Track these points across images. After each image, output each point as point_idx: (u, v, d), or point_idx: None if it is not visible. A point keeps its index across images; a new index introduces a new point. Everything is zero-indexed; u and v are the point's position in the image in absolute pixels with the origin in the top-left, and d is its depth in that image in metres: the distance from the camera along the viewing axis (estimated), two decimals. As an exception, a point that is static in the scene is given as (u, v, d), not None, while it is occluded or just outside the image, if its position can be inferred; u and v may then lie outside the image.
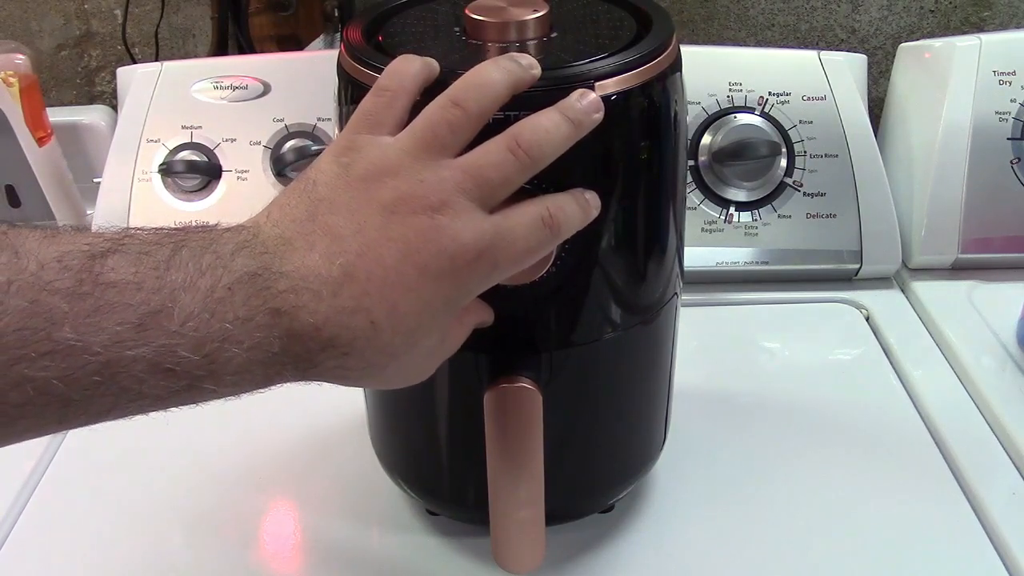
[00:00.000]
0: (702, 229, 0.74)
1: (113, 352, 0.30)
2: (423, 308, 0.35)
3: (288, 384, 0.36)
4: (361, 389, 0.52)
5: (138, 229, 0.33)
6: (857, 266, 0.74)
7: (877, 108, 0.84)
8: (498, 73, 0.37)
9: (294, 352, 0.34)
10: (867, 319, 0.73)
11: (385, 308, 0.34)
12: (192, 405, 0.34)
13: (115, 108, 0.87)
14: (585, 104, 0.38)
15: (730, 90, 0.74)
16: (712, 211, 0.74)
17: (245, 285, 0.33)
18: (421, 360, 0.38)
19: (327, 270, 0.34)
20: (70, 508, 0.57)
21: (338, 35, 0.92)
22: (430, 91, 0.38)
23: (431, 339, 0.37)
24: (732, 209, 0.74)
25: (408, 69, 0.39)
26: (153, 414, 0.34)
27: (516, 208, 0.37)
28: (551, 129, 0.37)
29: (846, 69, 0.76)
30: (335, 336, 0.34)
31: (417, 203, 0.35)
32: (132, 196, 0.74)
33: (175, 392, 0.32)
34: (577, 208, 0.39)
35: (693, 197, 0.74)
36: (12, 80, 0.78)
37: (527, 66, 0.38)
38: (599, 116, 0.38)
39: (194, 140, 0.75)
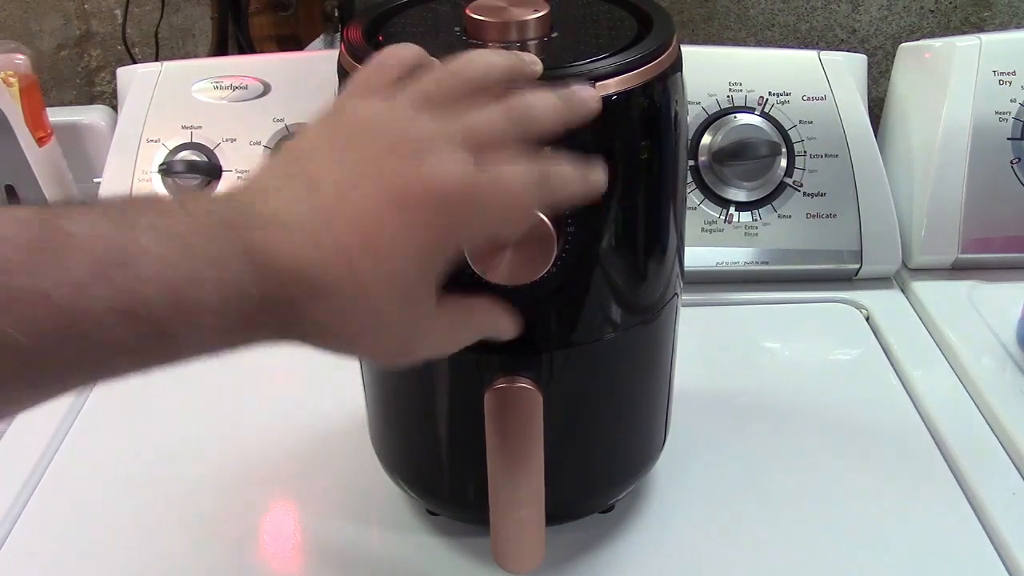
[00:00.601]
0: (702, 229, 0.74)
1: (74, 299, 0.28)
2: (406, 251, 0.34)
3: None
4: (361, 389, 0.52)
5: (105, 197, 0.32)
6: (857, 266, 0.74)
7: (877, 108, 0.84)
8: (498, 58, 0.38)
9: (272, 297, 0.32)
10: (867, 319, 0.73)
11: (367, 251, 0.33)
12: (170, 364, 0.32)
13: (115, 108, 0.87)
14: (580, 91, 0.38)
15: (730, 90, 0.74)
16: (712, 211, 0.74)
17: (219, 228, 0.31)
18: (408, 324, 0.36)
19: (305, 212, 0.33)
20: (70, 508, 0.57)
21: (338, 35, 0.92)
22: None
23: (418, 292, 0.35)
24: (732, 209, 0.74)
25: (405, 51, 0.39)
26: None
27: (509, 161, 0.36)
28: (544, 101, 0.37)
29: (846, 69, 0.76)
30: (314, 278, 0.32)
31: (404, 148, 0.34)
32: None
33: (145, 344, 0.30)
34: (575, 174, 0.38)
35: (693, 197, 0.74)
36: (12, 80, 0.78)
37: (529, 61, 0.38)
38: (594, 105, 0.38)
39: (194, 140, 0.75)
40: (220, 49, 0.91)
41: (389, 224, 0.33)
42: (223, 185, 0.74)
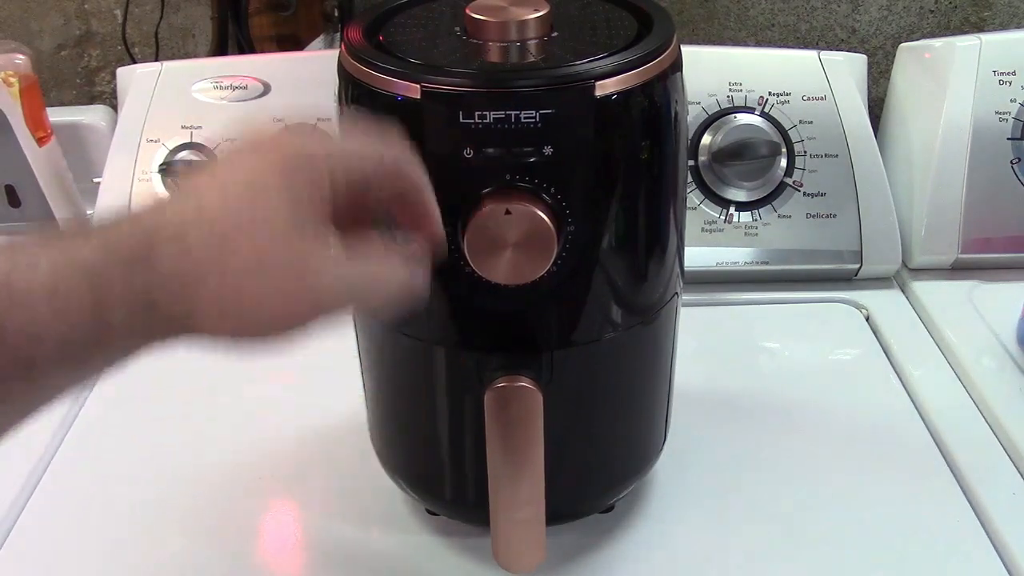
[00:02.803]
0: (702, 229, 0.74)
1: None
2: (255, 177, 0.34)
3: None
4: (361, 388, 0.52)
5: None
6: (857, 266, 0.74)
7: (877, 108, 0.84)
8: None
9: (119, 253, 0.31)
10: (867, 319, 0.73)
11: (214, 191, 0.34)
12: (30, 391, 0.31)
13: (115, 108, 0.87)
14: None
15: (730, 90, 0.74)
16: (712, 211, 0.74)
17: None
18: (293, 260, 0.33)
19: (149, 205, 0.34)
20: (70, 508, 0.57)
21: (338, 35, 0.92)
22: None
23: (299, 222, 0.34)
24: (732, 209, 0.74)
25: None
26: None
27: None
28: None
29: (846, 69, 0.76)
30: (160, 222, 0.32)
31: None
32: (132, 196, 0.74)
33: None
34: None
35: (693, 197, 0.74)
36: (12, 80, 0.78)
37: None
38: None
39: (194, 140, 0.75)
40: (220, 49, 0.91)
41: (239, 168, 0.34)
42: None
